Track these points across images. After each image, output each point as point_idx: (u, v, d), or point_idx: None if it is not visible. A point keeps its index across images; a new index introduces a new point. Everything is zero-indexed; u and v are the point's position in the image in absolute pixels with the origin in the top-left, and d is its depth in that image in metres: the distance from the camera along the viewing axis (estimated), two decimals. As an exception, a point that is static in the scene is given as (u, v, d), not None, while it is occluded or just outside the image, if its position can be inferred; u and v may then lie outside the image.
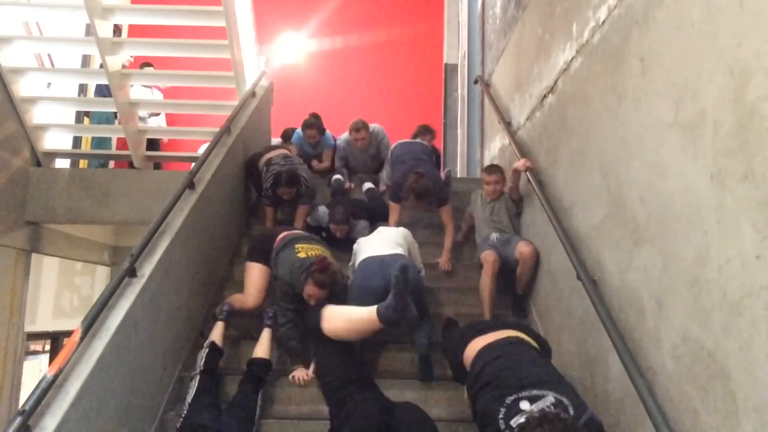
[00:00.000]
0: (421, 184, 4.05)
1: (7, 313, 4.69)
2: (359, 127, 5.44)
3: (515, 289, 3.93)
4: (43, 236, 5.11)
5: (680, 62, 1.98)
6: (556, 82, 3.37)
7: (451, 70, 8.36)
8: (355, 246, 3.79)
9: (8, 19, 4.89)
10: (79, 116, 6.05)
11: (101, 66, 5.52)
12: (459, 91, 7.98)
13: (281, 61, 8.82)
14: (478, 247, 4.09)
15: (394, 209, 4.36)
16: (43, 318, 5.30)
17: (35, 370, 5.35)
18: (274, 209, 4.74)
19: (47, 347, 5.75)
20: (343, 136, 5.62)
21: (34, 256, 5.01)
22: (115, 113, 6.00)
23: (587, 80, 2.89)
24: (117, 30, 6.69)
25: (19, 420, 2.04)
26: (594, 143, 2.79)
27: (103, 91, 6.02)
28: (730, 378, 1.66)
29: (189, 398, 3.00)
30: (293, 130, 5.89)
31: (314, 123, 5.57)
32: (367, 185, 5.32)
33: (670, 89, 2.05)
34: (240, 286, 4.14)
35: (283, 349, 3.51)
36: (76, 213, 4.85)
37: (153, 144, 6.35)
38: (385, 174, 5.23)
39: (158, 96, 6.83)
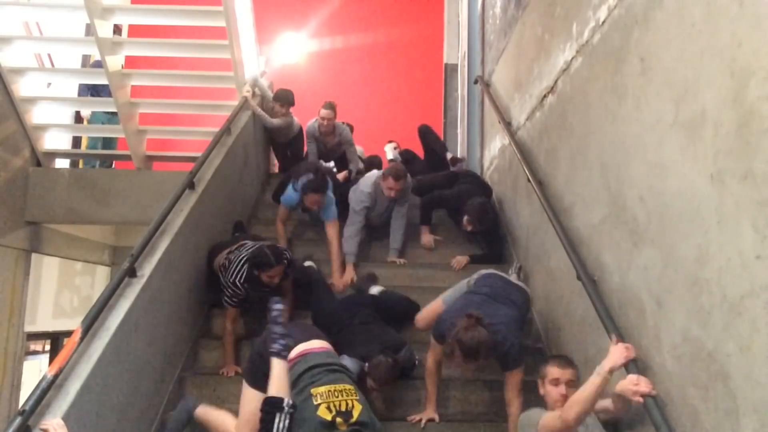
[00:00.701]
0: (471, 337, 2.64)
1: (7, 313, 4.69)
2: (400, 176, 4.23)
3: None
4: (43, 236, 5.11)
5: (680, 62, 1.98)
6: (556, 82, 3.37)
7: (451, 70, 8.36)
8: None
9: (8, 19, 4.90)
10: (78, 116, 6.05)
11: (93, 64, 5.53)
12: (459, 91, 7.97)
13: (281, 61, 8.82)
14: None
15: (436, 348, 3.01)
16: (43, 318, 5.30)
17: (35, 370, 5.35)
18: (237, 312, 3.51)
19: (47, 347, 5.75)
20: (368, 181, 4.36)
21: (34, 256, 5.02)
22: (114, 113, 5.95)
23: (587, 80, 2.89)
24: (117, 30, 6.68)
25: (19, 420, 2.04)
26: (594, 143, 2.79)
27: (85, 90, 5.90)
28: (730, 378, 1.66)
29: None
30: (286, 92, 5.70)
31: (320, 186, 4.14)
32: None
33: (670, 89, 2.05)
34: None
35: None
36: (76, 213, 4.86)
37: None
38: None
39: None
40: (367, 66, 9.01)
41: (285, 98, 5.71)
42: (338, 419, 2.33)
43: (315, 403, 2.39)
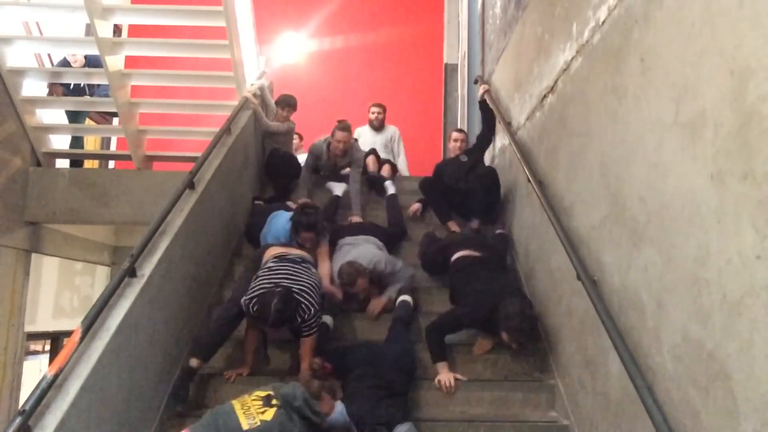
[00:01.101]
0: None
1: (7, 313, 4.70)
2: (353, 281, 3.72)
3: None
4: (43, 236, 5.11)
5: (680, 62, 1.98)
6: (556, 82, 3.37)
7: (451, 70, 8.36)
8: None
9: (8, 19, 4.90)
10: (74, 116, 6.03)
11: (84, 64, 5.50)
12: (459, 91, 7.97)
13: (281, 61, 8.81)
14: None
15: None
16: (43, 318, 5.31)
17: (35, 370, 5.36)
18: (257, 335, 3.34)
19: (47, 347, 5.76)
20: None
21: (34, 256, 5.02)
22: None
23: (587, 80, 2.89)
24: (117, 30, 6.68)
25: (19, 420, 2.04)
26: (594, 143, 2.79)
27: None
28: (730, 378, 1.66)
29: None
30: (289, 96, 5.58)
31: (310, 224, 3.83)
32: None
33: (670, 89, 2.05)
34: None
35: None
36: (76, 213, 4.86)
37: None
38: None
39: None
40: (367, 66, 9.00)
41: (287, 102, 5.57)
42: (273, 401, 2.51)
43: (247, 417, 2.44)
